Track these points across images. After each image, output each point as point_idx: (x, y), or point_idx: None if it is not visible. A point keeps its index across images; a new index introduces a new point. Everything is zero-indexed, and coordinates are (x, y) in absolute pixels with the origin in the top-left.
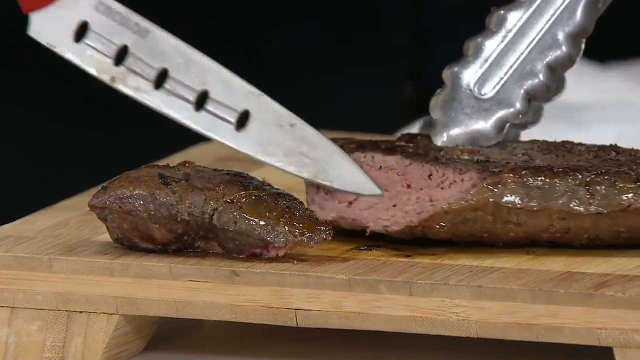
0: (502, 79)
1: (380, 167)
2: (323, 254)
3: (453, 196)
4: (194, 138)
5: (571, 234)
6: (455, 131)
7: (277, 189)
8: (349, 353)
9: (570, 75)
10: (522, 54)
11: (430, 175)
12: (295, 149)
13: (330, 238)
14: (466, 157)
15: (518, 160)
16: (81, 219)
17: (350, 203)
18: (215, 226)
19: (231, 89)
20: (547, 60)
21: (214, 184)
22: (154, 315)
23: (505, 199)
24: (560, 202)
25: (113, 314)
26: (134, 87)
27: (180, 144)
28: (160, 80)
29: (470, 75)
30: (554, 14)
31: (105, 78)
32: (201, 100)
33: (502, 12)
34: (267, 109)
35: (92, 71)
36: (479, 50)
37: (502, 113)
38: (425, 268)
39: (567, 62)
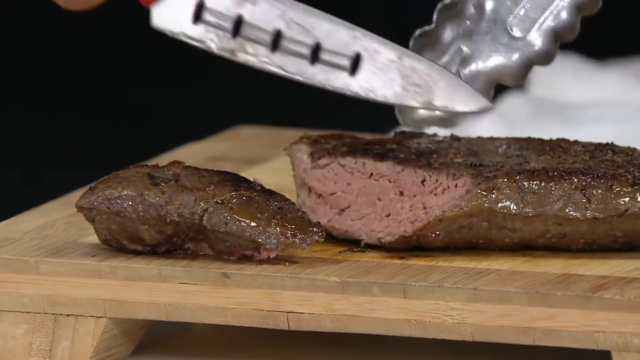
0: (534, 19)
1: (371, 174)
2: (315, 255)
3: (447, 202)
4: (184, 137)
5: (567, 238)
6: (479, 64)
7: (269, 190)
8: (342, 357)
9: (567, 73)
10: None
11: (424, 181)
12: (406, 81)
13: (323, 239)
14: (459, 160)
15: (512, 163)
16: (68, 220)
17: (342, 210)
18: (205, 227)
19: (338, 35)
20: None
21: (204, 184)
22: (142, 318)
23: (500, 204)
24: (556, 206)
25: (101, 316)
26: (253, 54)
27: (170, 144)
28: (275, 42)
29: (505, 9)
30: None
31: (225, 53)
32: (314, 53)
33: None
34: (374, 50)
35: (213, 49)
36: None
37: (530, 53)
38: (420, 270)
39: (593, 3)
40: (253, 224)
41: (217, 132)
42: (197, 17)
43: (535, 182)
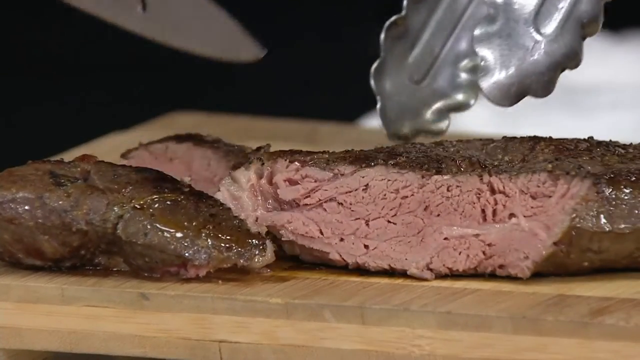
0: (561, 18)
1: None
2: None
3: (522, 242)
4: (106, 125)
5: None
6: (502, 74)
7: (199, 192)
8: None
9: None
10: None
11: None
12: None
13: (268, 255)
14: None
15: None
16: None
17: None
18: (119, 238)
19: None
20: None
21: (119, 184)
22: (41, 349)
23: (587, 222)
24: None
25: None
26: None
27: (87, 135)
28: None
29: (527, 9)
30: None
31: None
32: None
33: None
34: None
35: None
36: None
37: (559, 56)
38: (381, 289)
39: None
40: (179, 234)
41: (149, 120)
42: None
43: (624, 190)
